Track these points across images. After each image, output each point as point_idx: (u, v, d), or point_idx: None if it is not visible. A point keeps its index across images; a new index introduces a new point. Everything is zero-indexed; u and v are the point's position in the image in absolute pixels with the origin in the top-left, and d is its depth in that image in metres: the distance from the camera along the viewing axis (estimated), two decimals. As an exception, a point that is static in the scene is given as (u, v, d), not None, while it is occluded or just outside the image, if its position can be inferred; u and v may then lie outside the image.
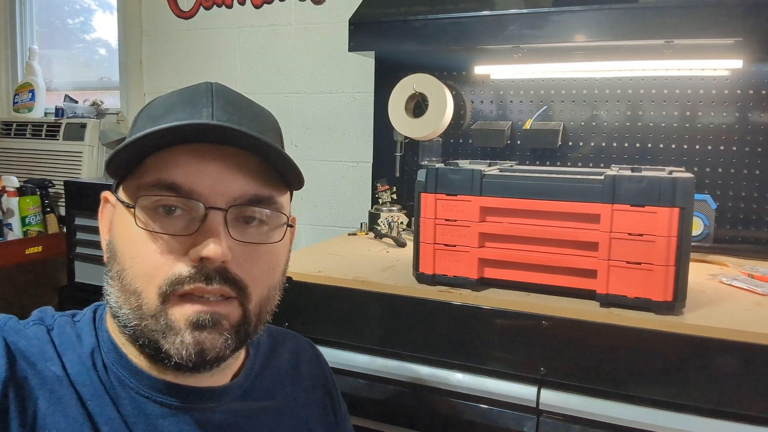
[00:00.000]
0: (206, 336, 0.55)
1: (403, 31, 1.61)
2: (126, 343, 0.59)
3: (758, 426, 0.97)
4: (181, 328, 0.55)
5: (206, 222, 0.55)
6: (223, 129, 0.54)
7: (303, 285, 1.28)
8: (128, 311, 0.56)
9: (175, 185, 0.55)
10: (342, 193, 2.14)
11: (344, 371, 1.24)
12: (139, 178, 0.57)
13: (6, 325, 0.57)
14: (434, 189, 1.19)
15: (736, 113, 1.57)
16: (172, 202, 0.56)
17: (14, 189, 2.33)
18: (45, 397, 0.53)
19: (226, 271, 0.56)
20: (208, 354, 0.55)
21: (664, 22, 1.36)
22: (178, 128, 0.53)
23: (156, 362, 0.57)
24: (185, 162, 0.56)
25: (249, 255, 0.58)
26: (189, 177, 0.55)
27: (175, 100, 0.60)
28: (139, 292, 0.55)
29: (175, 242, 0.55)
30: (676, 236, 1.02)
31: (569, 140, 1.73)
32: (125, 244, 0.57)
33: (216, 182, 0.56)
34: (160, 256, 0.55)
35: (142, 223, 0.56)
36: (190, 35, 2.35)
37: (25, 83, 2.68)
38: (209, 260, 0.54)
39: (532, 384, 1.10)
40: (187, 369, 0.56)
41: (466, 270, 1.18)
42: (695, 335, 1.00)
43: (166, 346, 0.55)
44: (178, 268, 0.55)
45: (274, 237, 0.61)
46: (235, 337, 0.57)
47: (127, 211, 0.57)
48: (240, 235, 0.57)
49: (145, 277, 0.55)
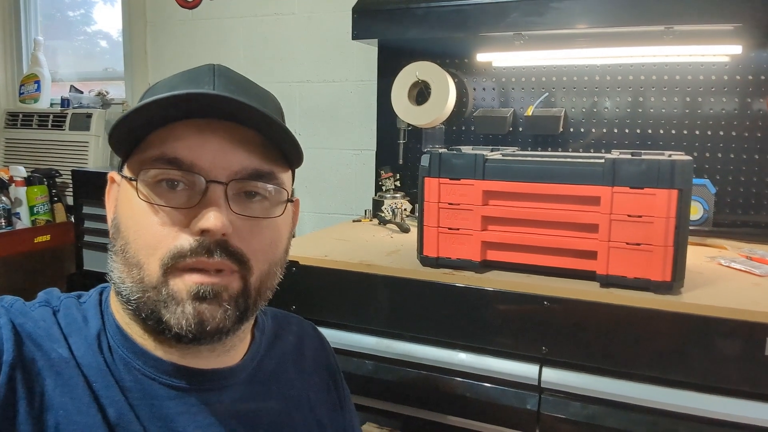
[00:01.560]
0: (206, 307, 0.56)
1: (405, 19, 1.62)
2: (131, 322, 0.60)
3: (752, 401, 0.99)
4: (183, 298, 0.55)
5: (207, 195, 0.56)
6: (223, 100, 0.54)
7: (309, 269, 1.30)
8: (131, 284, 0.57)
9: (176, 159, 0.56)
10: (346, 181, 2.16)
11: (351, 353, 1.26)
12: (142, 154, 0.58)
13: (12, 307, 0.57)
14: (438, 173, 1.22)
15: (736, 99, 1.58)
16: (173, 176, 0.56)
17: (22, 179, 2.35)
18: (52, 378, 0.54)
19: (227, 244, 0.56)
20: (208, 325, 0.56)
21: (664, 8, 1.37)
22: (180, 100, 0.53)
23: (157, 334, 0.58)
24: (187, 136, 0.56)
25: (250, 229, 0.58)
26: (190, 151, 0.56)
27: (177, 79, 0.61)
28: (141, 264, 0.56)
29: (176, 215, 0.56)
30: (675, 217, 1.05)
31: (570, 127, 1.75)
32: (128, 219, 0.58)
33: (217, 156, 0.56)
34: (162, 229, 0.56)
35: (144, 196, 0.56)
36: (194, 25, 2.37)
37: (30, 74, 2.70)
38: (210, 232, 0.55)
39: (534, 363, 1.13)
40: (187, 340, 0.56)
41: (469, 253, 1.21)
42: (693, 314, 1.02)
43: (167, 315, 0.55)
44: (180, 241, 0.55)
45: (275, 212, 0.61)
46: (234, 309, 0.58)
47: (130, 185, 0.58)
48: (241, 209, 0.58)
49: (147, 249, 0.56)
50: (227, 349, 0.63)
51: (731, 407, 1.01)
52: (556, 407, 1.11)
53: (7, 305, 0.57)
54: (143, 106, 0.53)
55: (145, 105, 0.53)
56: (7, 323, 0.55)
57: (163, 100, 0.53)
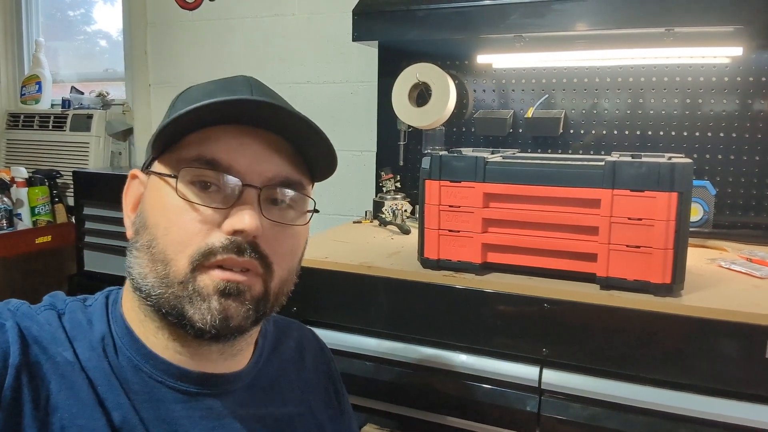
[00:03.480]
0: (231, 303, 0.57)
1: (406, 20, 1.62)
2: (145, 319, 0.60)
3: (753, 403, 1.00)
4: (210, 293, 0.56)
5: (242, 198, 0.57)
6: (267, 106, 0.56)
7: (310, 271, 1.30)
8: (154, 279, 0.57)
9: (215, 161, 0.57)
10: (346, 182, 2.17)
11: (351, 354, 1.27)
12: (179, 153, 0.59)
13: (18, 310, 0.58)
14: (438, 176, 1.22)
15: (736, 101, 1.58)
16: (210, 178, 0.57)
17: (23, 180, 2.36)
18: (57, 381, 0.54)
19: (256, 246, 0.57)
20: (231, 322, 0.57)
21: (664, 10, 1.37)
22: (224, 104, 0.55)
23: (177, 330, 0.58)
24: (226, 139, 0.58)
25: (276, 235, 0.60)
26: (229, 154, 0.57)
27: (213, 86, 0.62)
28: (168, 260, 0.56)
29: (211, 214, 0.57)
30: (675, 220, 1.05)
31: (571, 128, 1.75)
32: (159, 215, 0.58)
33: (253, 161, 0.58)
34: (195, 226, 0.56)
35: (182, 193, 0.57)
36: (195, 26, 2.37)
37: (31, 75, 2.71)
38: (244, 233, 0.56)
39: (535, 364, 1.13)
40: (208, 336, 0.57)
41: (469, 255, 1.21)
42: (693, 316, 1.02)
43: (191, 311, 0.56)
44: (212, 239, 0.56)
45: (300, 221, 0.63)
46: (254, 310, 0.59)
47: (165, 182, 0.58)
48: (270, 214, 0.59)
49: (177, 246, 0.56)
50: (235, 352, 0.64)
51: (731, 409, 1.01)
52: (557, 409, 1.12)
53: (13, 308, 0.58)
54: (192, 110, 0.54)
55: (194, 109, 0.54)
56: (14, 326, 0.55)
57: (212, 104, 0.54)
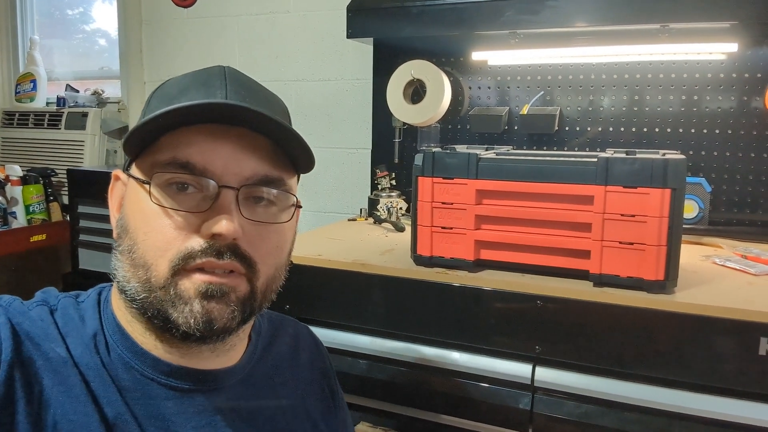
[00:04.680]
0: (214, 306, 0.57)
1: (400, 17, 1.62)
2: (133, 320, 0.60)
3: (746, 400, 0.99)
4: (191, 296, 0.56)
5: (218, 200, 0.56)
6: (239, 109, 0.55)
7: (303, 268, 1.30)
8: (136, 284, 0.57)
9: (189, 164, 0.56)
10: (341, 180, 2.16)
11: (344, 352, 1.26)
12: (153, 156, 0.58)
13: (11, 306, 0.58)
14: (431, 173, 1.21)
15: (732, 97, 1.58)
16: (186, 180, 0.57)
17: (18, 178, 2.35)
18: (50, 377, 0.54)
19: (236, 248, 0.57)
20: (216, 324, 0.57)
21: (659, 6, 1.37)
22: (195, 107, 0.54)
23: (163, 333, 0.58)
24: (199, 141, 0.57)
25: (258, 234, 0.59)
26: (203, 156, 0.57)
27: (188, 81, 0.61)
28: (149, 265, 0.56)
29: (187, 218, 0.56)
30: (668, 216, 1.04)
31: (566, 125, 1.74)
32: (138, 220, 0.58)
33: (229, 162, 0.57)
34: (173, 232, 0.56)
35: (157, 199, 0.57)
36: (190, 24, 2.36)
37: (26, 73, 2.70)
38: (221, 237, 0.55)
39: (528, 362, 1.13)
40: (194, 339, 0.57)
41: (462, 252, 1.20)
42: (686, 313, 1.02)
43: (175, 314, 0.56)
44: (191, 243, 0.56)
45: (283, 217, 0.62)
46: (240, 311, 0.58)
47: (141, 187, 0.58)
48: (250, 214, 0.59)
49: (156, 251, 0.56)
50: (227, 349, 0.64)
51: (725, 406, 1.00)
52: (549, 406, 1.11)
53: (5, 304, 0.58)
54: (162, 114, 0.54)
55: (163, 113, 0.54)
56: (6, 323, 0.55)
57: (183, 108, 0.54)
